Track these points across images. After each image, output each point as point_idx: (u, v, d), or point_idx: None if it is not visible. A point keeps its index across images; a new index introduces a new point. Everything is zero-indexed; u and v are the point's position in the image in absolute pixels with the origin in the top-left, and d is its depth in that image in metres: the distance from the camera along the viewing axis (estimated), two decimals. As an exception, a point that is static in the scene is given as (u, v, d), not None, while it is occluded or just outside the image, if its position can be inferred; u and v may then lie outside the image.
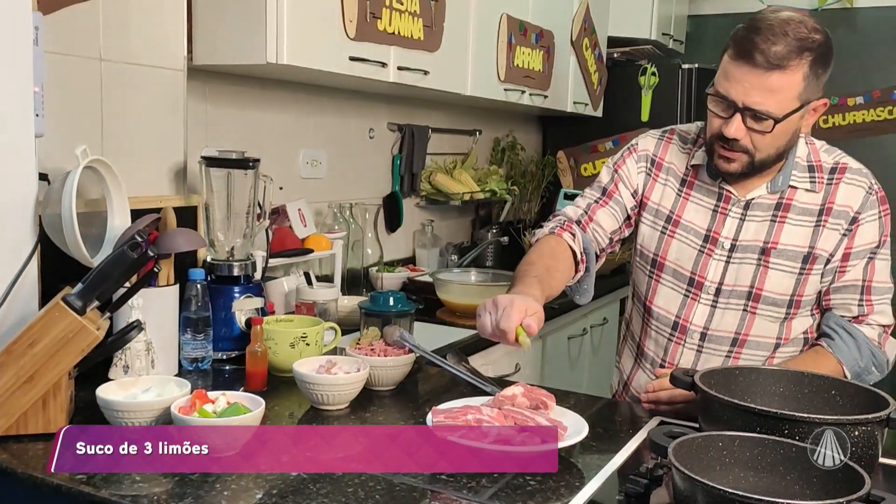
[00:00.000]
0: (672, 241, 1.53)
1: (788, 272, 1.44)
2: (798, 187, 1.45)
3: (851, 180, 1.44)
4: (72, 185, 1.34)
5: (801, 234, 1.44)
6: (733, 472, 1.01)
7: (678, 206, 1.53)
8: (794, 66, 1.30)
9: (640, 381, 1.62)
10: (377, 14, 2.05)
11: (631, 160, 1.58)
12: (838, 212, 1.43)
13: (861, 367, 1.43)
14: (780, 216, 1.45)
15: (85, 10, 1.58)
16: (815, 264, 1.44)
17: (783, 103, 1.32)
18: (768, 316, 1.47)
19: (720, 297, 1.49)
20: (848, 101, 3.88)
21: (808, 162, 1.46)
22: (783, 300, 1.45)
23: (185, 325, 1.61)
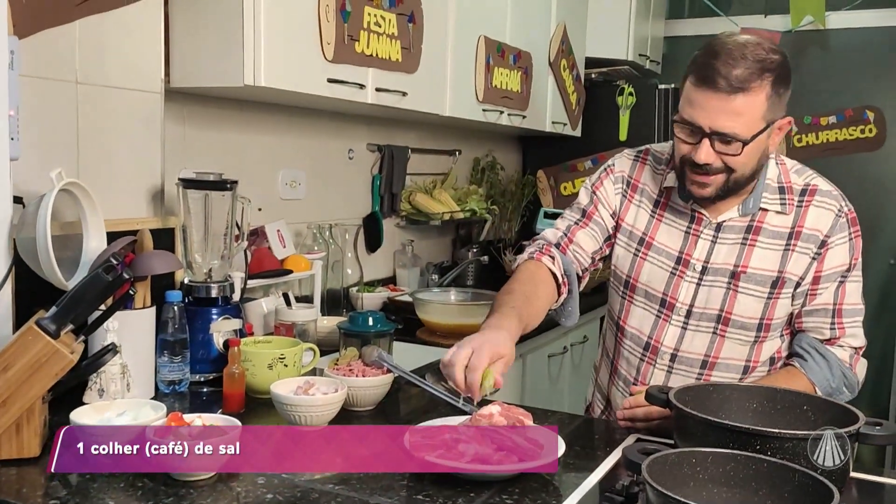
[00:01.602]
0: (644, 263, 1.53)
1: (757, 296, 1.44)
2: (769, 209, 1.44)
3: (821, 203, 1.43)
4: (47, 208, 1.34)
5: (771, 257, 1.43)
6: (707, 487, 1.02)
7: (651, 227, 1.53)
8: (757, 87, 1.32)
9: (616, 398, 1.63)
10: (355, 36, 2.07)
11: (608, 181, 1.59)
12: (808, 235, 1.43)
13: (833, 387, 1.44)
14: (751, 239, 1.45)
15: (61, 33, 1.59)
16: (784, 288, 1.44)
17: (749, 125, 1.33)
18: (738, 339, 1.47)
19: (691, 319, 1.49)
20: (821, 121, 3.94)
21: (778, 183, 1.46)
22: (752, 324, 1.46)
23: (161, 348, 1.60)
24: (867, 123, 3.88)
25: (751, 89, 1.31)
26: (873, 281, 3.89)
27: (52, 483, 1.17)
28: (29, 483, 1.18)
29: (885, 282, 3.89)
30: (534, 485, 1.18)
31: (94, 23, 1.64)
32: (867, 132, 3.88)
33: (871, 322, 4.24)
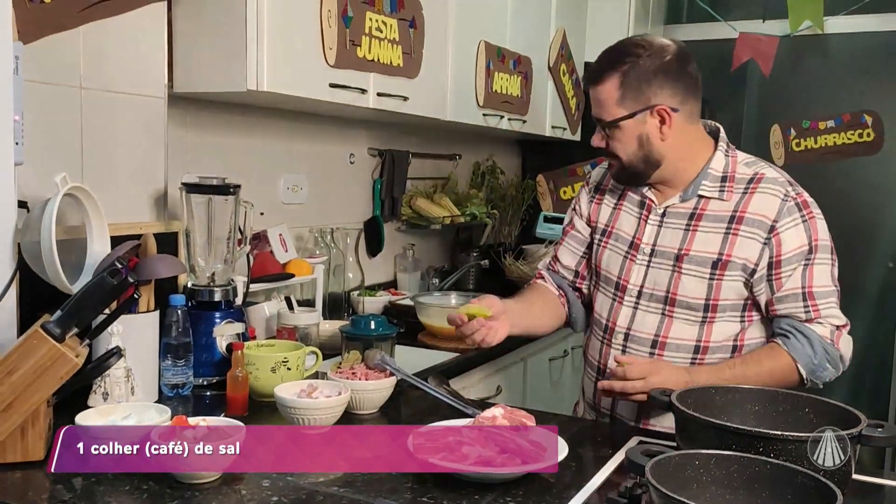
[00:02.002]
0: (605, 250, 1.64)
1: (699, 277, 1.50)
2: (709, 197, 1.51)
3: (766, 189, 1.48)
4: (51, 213, 1.34)
5: (712, 240, 1.49)
6: (710, 489, 1.02)
7: (612, 218, 1.64)
8: (606, 77, 1.49)
9: (586, 386, 1.71)
10: (357, 42, 2.08)
11: (584, 192, 1.73)
12: (753, 220, 1.47)
13: (815, 363, 1.45)
14: (694, 225, 1.52)
15: (65, 38, 1.60)
16: (728, 270, 1.48)
17: (609, 110, 1.50)
18: (685, 319, 1.52)
19: (641, 300, 1.56)
20: (819, 125, 3.95)
21: (723, 173, 1.52)
22: (698, 304, 1.51)
23: (165, 352, 1.60)
24: (865, 127, 3.89)
25: (602, 80, 1.49)
26: (872, 284, 3.91)
27: (56, 486, 1.18)
28: (34, 486, 1.19)
29: (883, 285, 3.90)
30: (537, 487, 1.18)
31: (98, 28, 1.65)
32: (865, 136, 3.89)
33: (871, 325, 4.26)
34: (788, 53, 3.94)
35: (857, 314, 3.92)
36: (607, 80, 1.48)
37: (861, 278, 3.89)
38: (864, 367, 3.94)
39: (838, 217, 4.08)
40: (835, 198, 4.02)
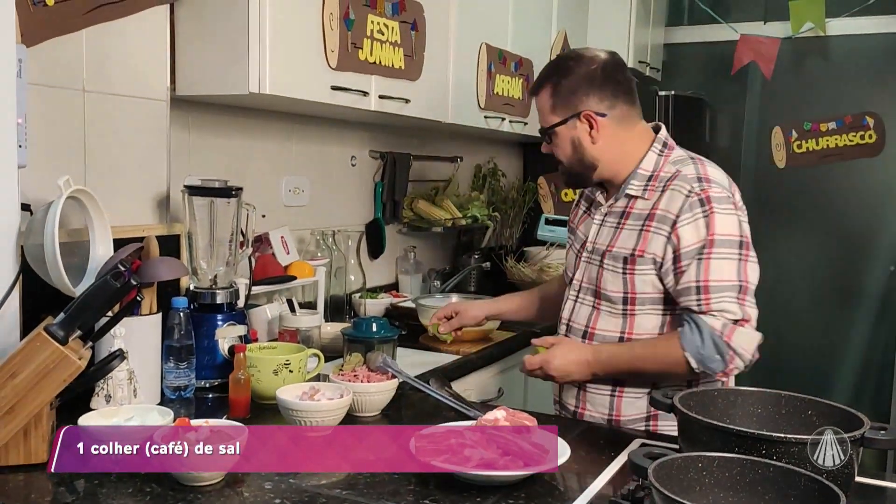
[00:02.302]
0: (568, 251, 1.78)
1: (615, 272, 1.58)
2: (635, 196, 1.59)
3: (675, 186, 1.53)
4: (54, 216, 1.35)
5: (630, 237, 1.57)
6: (713, 492, 1.02)
7: (580, 220, 1.75)
8: (540, 89, 1.64)
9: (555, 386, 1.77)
10: (358, 44, 2.08)
11: (575, 204, 1.83)
12: (661, 216, 1.53)
13: (703, 353, 1.47)
14: (622, 223, 1.60)
15: (68, 42, 1.60)
16: (638, 265, 1.55)
17: (545, 118, 1.64)
18: (609, 311, 1.61)
19: (580, 294, 1.68)
20: (821, 127, 3.96)
21: (651, 172, 1.59)
22: (617, 297, 1.59)
23: (167, 354, 1.60)
24: (867, 129, 3.89)
25: (538, 91, 1.65)
26: (874, 286, 3.91)
27: (59, 489, 1.18)
28: (36, 489, 1.19)
29: (885, 287, 3.90)
30: (539, 489, 1.19)
31: (100, 32, 1.66)
32: (867, 138, 3.89)
33: (873, 327, 4.26)
34: (790, 55, 3.94)
35: (859, 316, 3.93)
36: (542, 90, 1.63)
37: (862, 281, 3.89)
38: (866, 369, 3.94)
39: (839, 219, 4.09)
40: (836, 200, 4.04)
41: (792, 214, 4.03)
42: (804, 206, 4.02)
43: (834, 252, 3.93)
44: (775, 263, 4.08)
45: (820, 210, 3.99)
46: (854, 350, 3.95)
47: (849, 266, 3.90)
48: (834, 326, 3.97)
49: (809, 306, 4.01)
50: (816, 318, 4.01)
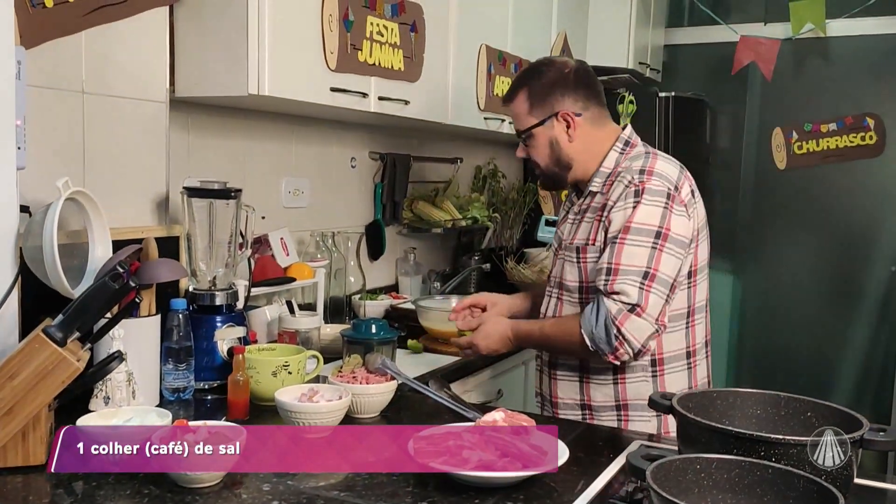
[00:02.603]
0: (552, 251, 1.84)
1: (571, 262, 1.67)
2: (595, 192, 1.67)
3: (619, 178, 1.60)
4: (53, 217, 1.35)
5: (586, 229, 1.65)
6: (711, 494, 1.02)
7: (562, 222, 1.80)
8: (515, 94, 1.70)
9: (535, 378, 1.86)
10: (358, 45, 2.08)
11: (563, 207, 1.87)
12: (608, 206, 1.61)
13: (596, 335, 1.53)
14: (584, 217, 1.68)
15: (67, 43, 1.60)
16: (588, 253, 1.63)
17: (522, 121, 1.69)
18: (568, 300, 1.69)
19: (553, 289, 1.75)
20: (821, 128, 3.95)
21: (611, 170, 1.66)
22: (574, 286, 1.67)
23: (166, 356, 1.60)
24: (867, 130, 3.89)
25: (513, 96, 1.70)
26: (874, 288, 3.90)
27: (57, 490, 1.18)
28: (35, 490, 1.19)
29: (885, 288, 3.89)
30: (538, 491, 1.18)
31: (100, 33, 1.66)
32: (867, 139, 3.89)
33: (873, 328, 4.25)
34: (790, 56, 3.94)
35: (859, 317, 3.93)
36: (518, 95, 1.69)
37: (863, 282, 3.88)
38: (866, 370, 3.94)
39: (840, 220, 4.09)
40: (837, 201, 4.04)
41: (792, 215, 4.03)
42: (804, 207, 4.02)
43: (834, 253, 3.92)
44: (775, 265, 4.08)
45: (820, 211, 3.99)
46: (855, 351, 3.94)
47: (849, 267, 3.90)
48: (834, 327, 3.96)
49: (810, 307, 4.00)
50: (817, 319, 4.00)
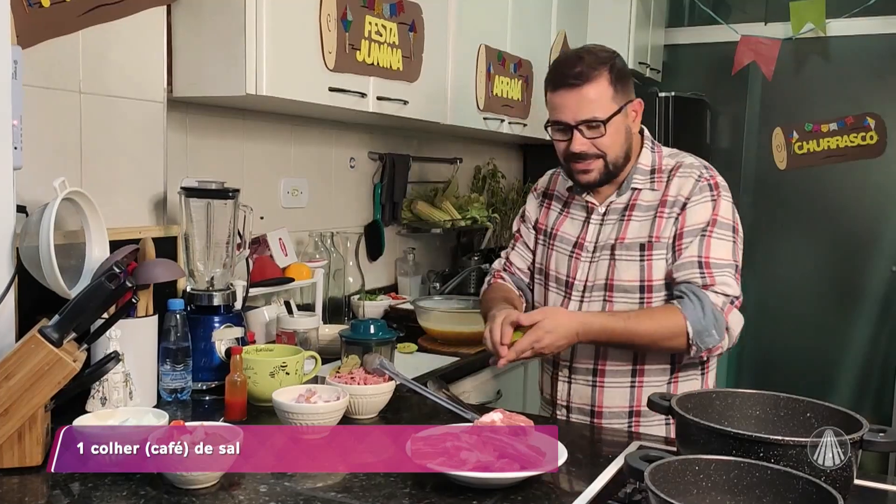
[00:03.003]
0: (552, 252, 1.73)
1: (631, 261, 1.60)
2: (641, 188, 1.62)
3: (683, 173, 1.60)
4: (50, 217, 1.34)
5: (642, 226, 1.60)
6: (710, 495, 1.01)
7: (558, 222, 1.74)
8: (597, 76, 1.54)
9: (545, 384, 1.78)
10: (356, 45, 2.07)
11: (531, 197, 1.84)
12: (672, 202, 1.59)
13: (703, 325, 1.50)
14: (627, 216, 1.63)
15: (64, 43, 1.60)
16: (654, 250, 1.59)
17: (604, 108, 1.55)
18: (624, 303, 1.61)
19: (585, 293, 1.65)
20: (822, 128, 3.95)
21: (651, 166, 1.64)
22: (634, 286, 1.60)
23: (164, 356, 1.60)
24: (868, 130, 3.88)
25: (594, 78, 1.54)
26: (875, 288, 3.90)
27: (54, 492, 1.17)
28: (31, 492, 1.18)
29: (886, 289, 3.88)
30: (536, 492, 1.18)
31: (97, 33, 1.65)
32: (868, 139, 3.88)
33: (874, 328, 4.24)
34: (790, 56, 3.94)
35: (860, 318, 3.92)
36: (599, 77, 1.54)
37: (864, 281, 3.87)
38: (867, 370, 3.93)
39: (841, 220, 4.09)
40: (837, 201, 4.03)
41: (793, 216, 4.02)
42: (805, 207, 4.01)
43: (835, 253, 3.92)
44: (776, 265, 4.07)
45: (821, 211, 3.98)
46: (855, 352, 3.93)
47: (850, 267, 3.89)
48: (835, 328, 3.95)
49: (810, 308, 3.99)
50: (817, 320, 3.99)
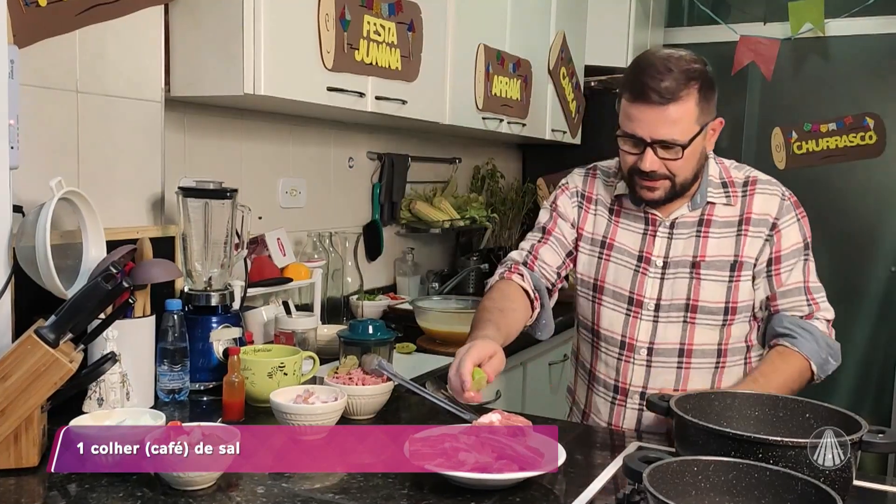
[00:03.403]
0: (608, 264, 1.61)
1: (719, 281, 1.52)
2: (716, 202, 1.54)
3: (764, 190, 1.54)
4: (46, 217, 1.34)
5: (725, 244, 1.53)
6: (709, 496, 1.01)
7: (610, 231, 1.62)
8: (686, 95, 1.41)
9: (598, 406, 1.65)
10: (354, 45, 2.07)
11: (565, 196, 1.68)
12: (757, 220, 1.52)
13: (822, 358, 1.49)
14: (704, 231, 1.54)
15: (61, 42, 1.59)
16: (743, 271, 1.52)
17: (686, 130, 1.43)
18: (707, 324, 1.54)
19: (660, 312, 1.56)
20: (821, 128, 3.94)
21: (720, 179, 1.56)
22: (718, 308, 1.53)
23: (161, 356, 1.59)
24: (867, 130, 3.88)
25: (681, 98, 1.41)
26: (874, 289, 3.89)
27: (50, 493, 1.17)
28: (27, 493, 1.18)
29: (886, 289, 3.88)
30: (535, 493, 1.17)
31: (94, 32, 1.65)
32: (867, 139, 3.88)
33: (873, 329, 4.24)
34: (789, 56, 3.93)
35: (860, 318, 3.91)
36: (687, 97, 1.41)
37: (863, 282, 3.87)
38: (866, 371, 3.92)
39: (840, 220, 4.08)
40: (836, 201, 4.02)
41: (792, 216, 4.02)
42: (804, 207, 3.99)
43: (834, 253, 3.91)
44: (775, 265, 4.07)
45: (820, 211, 3.96)
46: (855, 352, 3.93)
47: (849, 267, 3.88)
48: (835, 328, 3.95)
49: (810, 308, 3.99)
50: (817, 320, 3.99)
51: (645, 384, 1.57)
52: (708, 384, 1.55)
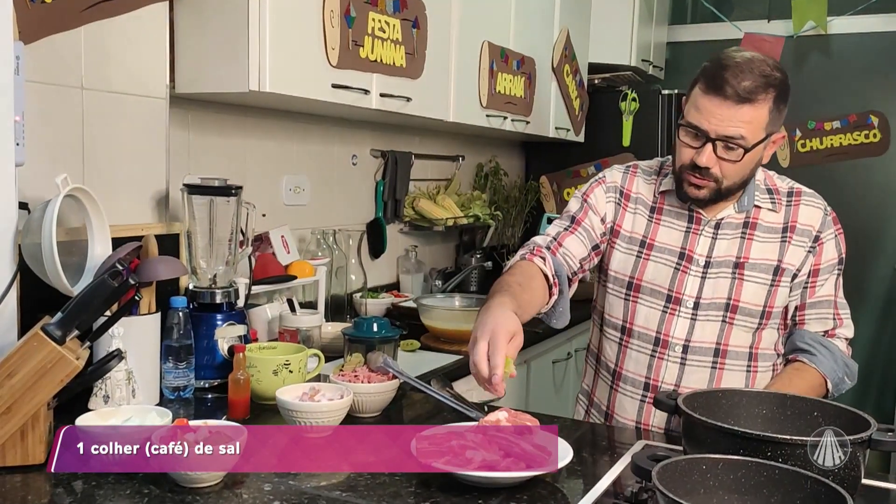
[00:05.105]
0: (648, 262, 1.58)
1: (761, 283, 1.53)
2: (762, 207, 1.55)
3: (809, 202, 1.56)
4: (52, 214, 1.33)
5: (769, 248, 1.53)
6: (717, 494, 1.01)
7: (650, 230, 1.59)
8: (762, 100, 1.40)
9: (624, 405, 1.62)
10: (359, 42, 2.07)
11: (600, 189, 1.63)
12: (802, 230, 1.54)
13: (839, 377, 1.52)
14: (749, 233, 1.54)
15: (66, 39, 1.59)
16: (783, 276, 1.53)
17: (752, 134, 1.42)
18: (743, 326, 1.54)
19: (699, 311, 1.54)
20: (825, 126, 3.94)
21: (766, 185, 1.57)
22: (757, 311, 1.53)
23: (166, 354, 1.59)
24: (871, 128, 3.87)
25: (756, 101, 1.40)
26: (877, 286, 3.89)
27: (57, 490, 1.17)
28: (34, 490, 1.17)
29: (889, 287, 3.88)
30: (542, 492, 1.17)
31: (99, 29, 1.64)
32: (871, 137, 3.87)
33: (877, 327, 4.24)
34: (793, 54, 3.93)
35: (863, 317, 3.91)
36: (762, 102, 1.41)
37: (867, 280, 3.87)
38: (870, 369, 3.92)
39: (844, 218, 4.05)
40: (841, 199, 3.99)
41: (795, 214, 4.01)
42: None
43: (838, 251, 3.91)
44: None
45: (823, 209, 3.97)
46: (858, 350, 3.92)
47: (853, 266, 3.84)
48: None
49: (813, 306, 3.99)
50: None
51: (677, 382, 1.55)
52: (741, 386, 1.54)
